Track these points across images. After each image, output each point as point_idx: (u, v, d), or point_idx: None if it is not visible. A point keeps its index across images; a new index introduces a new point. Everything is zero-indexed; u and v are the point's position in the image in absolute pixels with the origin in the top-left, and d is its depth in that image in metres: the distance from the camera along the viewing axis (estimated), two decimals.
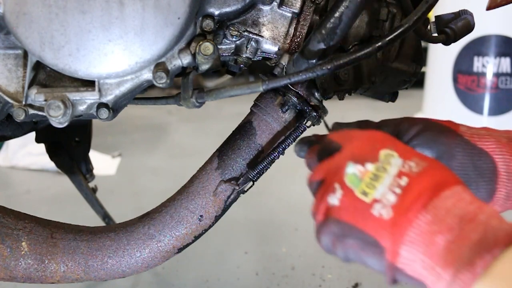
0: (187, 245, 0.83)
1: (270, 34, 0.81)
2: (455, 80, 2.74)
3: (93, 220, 1.47)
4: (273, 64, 0.84)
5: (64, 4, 0.71)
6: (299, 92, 0.79)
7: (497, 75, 2.62)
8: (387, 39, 0.70)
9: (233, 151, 0.81)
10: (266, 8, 0.81)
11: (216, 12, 0.77)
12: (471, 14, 0.83)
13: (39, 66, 0.77)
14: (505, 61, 2.60)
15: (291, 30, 0.81)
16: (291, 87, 0.79)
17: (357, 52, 0.70)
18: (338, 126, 0.67)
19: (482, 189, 0.60)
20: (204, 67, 0.77)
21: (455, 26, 0.81)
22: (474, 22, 0.82)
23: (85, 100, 0.76)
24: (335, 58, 0.70)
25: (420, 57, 0.89)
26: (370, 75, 0.85)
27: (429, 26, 0.86)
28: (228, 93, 0.75)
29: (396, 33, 0.70)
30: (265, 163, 0.80)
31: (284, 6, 0.81)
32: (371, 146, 0.54)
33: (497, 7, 0.90)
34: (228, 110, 3.83)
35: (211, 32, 0.76)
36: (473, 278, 0.44)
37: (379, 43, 0.70)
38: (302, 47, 0.75)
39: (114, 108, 0.78)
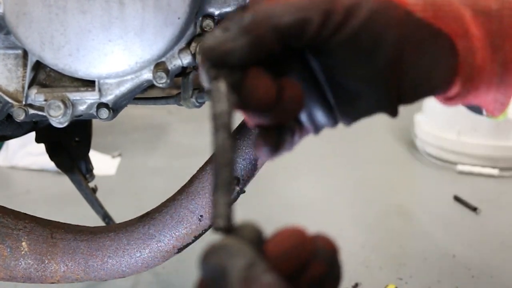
0: (187, 245, 0.83)
1: None
2: None
3: (93, 220, 1.47)
4: None
5: (64, 4, 0.71)
6: None
7: None
8: None
9: None
10: None
11: (216, 12, 0.77)
12: None
13: (39, 66, 0.77)
14: None
15: None
16: None
17: None
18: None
19: (439, 76, 0.46)
20: None
21: None
22: None
23: (85, 100, 0.76)
24: None
25: None
26: None
27: None
28: None
29: None
30: None
31: None
32: None
33: None
34: None
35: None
36: None
37: None
38: None
39: (114, 108, 0.78)
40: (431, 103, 2.90)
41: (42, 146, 1.34)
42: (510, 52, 0.45)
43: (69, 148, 1.34)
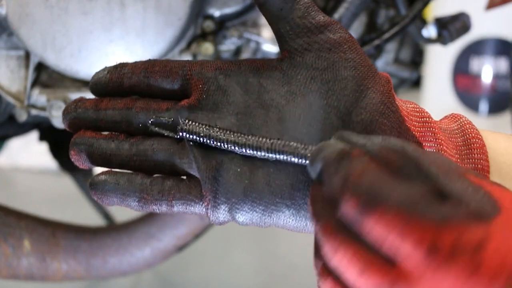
0: (188, 244, 0.84)
1: (270, 35, 0.82)
2: (454, 81, 2.74)
3: (95, 219, 1.48)
4: None
5: (66, 6, 0.71)
6: None
7: (495, 76, 2.63)
8: (385, 37, 0.71)
9: None
10: None
11: (217, 13, 0.78)
12: (468, 16, 0.84)
13: (41, 67, 0.78)
14: (502, 63, 2.61)
15: None
16: None
17: None
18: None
19: None
20: None
21: (452, 27, 0.82)
22: (470, 23, 0.83)
23: None
24: None
25: (419, 59, 0.89)
26: None
27: (428, 28, 0.87)
28: None
29: (393, 30, 0.70)
30: None
31: None
32: None
33: (495, 7, 0.91)
34: None
35: (212, 33, 0.77)
36: None
37: (377, 42, 0.71)
38: None
39: None
40: (430, 103, 2.91)
41: (44, 147, 1.35)
42: (480, 161, 0.42)
43: None
